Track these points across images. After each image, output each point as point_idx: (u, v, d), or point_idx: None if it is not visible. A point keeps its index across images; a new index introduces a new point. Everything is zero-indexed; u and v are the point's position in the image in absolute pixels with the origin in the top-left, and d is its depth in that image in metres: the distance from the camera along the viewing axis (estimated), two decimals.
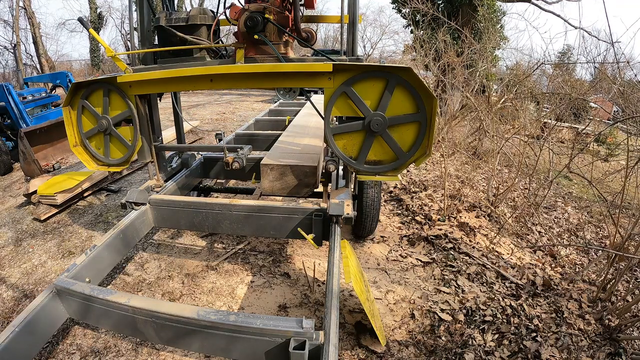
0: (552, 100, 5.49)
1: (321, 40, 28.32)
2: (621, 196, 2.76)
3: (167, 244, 3.23)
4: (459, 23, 7.44)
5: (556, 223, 4.14)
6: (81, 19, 2.34)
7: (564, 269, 3.07)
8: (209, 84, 2.10)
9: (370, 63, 1.97)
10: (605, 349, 2.10)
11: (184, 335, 1.56)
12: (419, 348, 2.12)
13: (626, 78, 4.46)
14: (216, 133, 3.88)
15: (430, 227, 3.53)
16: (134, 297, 1.64)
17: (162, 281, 2.70)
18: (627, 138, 3.42)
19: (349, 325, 2.26)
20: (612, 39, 2.78)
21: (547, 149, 4.09)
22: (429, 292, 2.62)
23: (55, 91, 6.93)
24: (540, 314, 2.38)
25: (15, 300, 2.50)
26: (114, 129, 2.34)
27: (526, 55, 13.45)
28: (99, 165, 2.51)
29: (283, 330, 1.41)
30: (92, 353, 2.04)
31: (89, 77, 5.67)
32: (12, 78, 17.84)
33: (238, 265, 2.89)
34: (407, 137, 1.98)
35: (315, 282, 2.67)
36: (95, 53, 21.82)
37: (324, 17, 3.90)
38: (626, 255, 2.42)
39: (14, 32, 18.00)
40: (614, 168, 4.78)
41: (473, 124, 6.48)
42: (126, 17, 23.04)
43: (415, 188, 4.57)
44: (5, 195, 4.46)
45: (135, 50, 2.48)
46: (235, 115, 9.97)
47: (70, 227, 3.56)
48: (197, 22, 2.31)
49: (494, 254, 3.17)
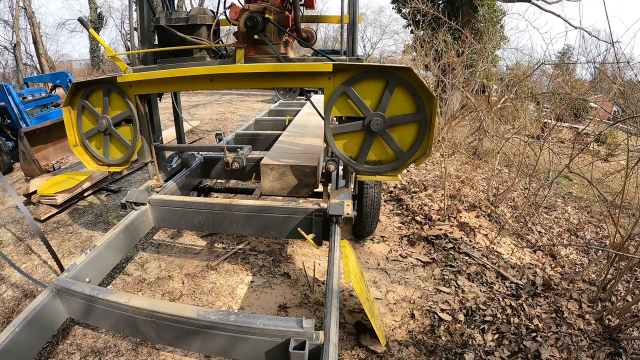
0: (552, 100, 5.49)
1: (321, 40, 28.31)
2: (621, 196, 2.76)
3: (167, 244, 3.23)
4: (459, 23, 7.44)
5: (556, 223, 4.14)
6: (81, 19, 2.34)
7: (564, 269, 3.07)
8: (209, 84, 2.10)
9: (370, 63, 1.97)
10: (605, 349, 2.10)
11: (184, 335, 1.56)
12: (419, 348, 2.11)
13: (626, 78, 4.46)
14: (216, 133, 3.88)
15: (430, 227, 3.53)
16: (134, 297, 1.64)
17: (162, 281, 2.70)
18: (627, 138, 3.42)
19: (349, 325, 2.26)
20: (612, 39, 2.78)
21: (547, 149, 4.09)
22: (429, 292, 2.62)
23: (55, 91, 6.93)
24: (540, 314, 2.38)
25: (15, 300, 2.50)
26: (114, 129, 2.34)
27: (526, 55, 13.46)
28: (99, 165, 2.51)
29: (283, 330, 1.41)
30: (92, 353, 2.04)
31: (89, 77, 5.67)
32: (12, 78, 17.83)
33: (238, 265, 2.89)
34: (407, 137, 1.98)
35: (315, 282, 2.67)
36: (95, 53, 21.82)
37: (324, 17, 3.90)
38: (626, 255, 2.42)
39: (14, 32, 18.00)
40: (614, 168, 4.79)
41: (473, 124, 6.47)
42: (126, 17, 23.04)
43: (415, 188, 4.57)
44: (5, 195, 4.46)
45: (135, 50, 2.48)
46: (236, 115, 9.97)
47: (70, 227, 3.56)
48: (197, 22, 2.31)
49: (494, 254, 3.17)
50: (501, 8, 11.49)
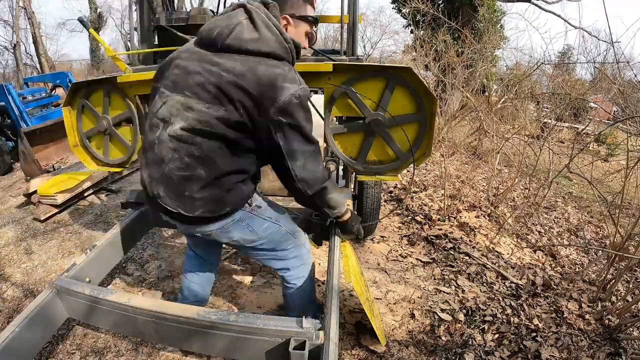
0: (552, 100, 5.49)
1: (321, 40, 28.30)
2: (621, 196, 2.76)
3: (167, 244, 3.23)
4: (459, 23, 7.44)
5: (556, 223, 4.14)
6: (81, 19, 2.34)
7: (564, 269, 3.07)
8: None
9: (370, 63, 1.97)
10: (605, 349, 2.10)
11: (184, 335, 1.56)
12: (419, 348, 2.12)
13: (626, 78, 4.46)
14: None
15: (430, 227, 3.53)
16: (134, 297, 1.64)
17: (162, 281, 2.70)
18: (627, 138, 3.42)
19: (349, 325, 2.26)
20: (612, 39, 2.78)
21: (547, 149, 4.09)
22: (429, 292, 2.62)
23: (55, 91, 6.92)
24: (540, 314, 2.38)
25: (15, 300, 2.50)
26: (114, 129, 2.34)
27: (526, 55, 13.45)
28: (99, 165, 2.51)
29: (283, 330, 1.41)
30: (92, 353, 2.04)
31: (89, 77, 5.67)
32: (12, 78, 17.84)
33: (238, 265, 2.89)
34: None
35: (315, 282, 2.66)
36: (95, 53, 21.81)
37: (324, 17, 3.89)
38: (626, 255, 2.42)
39: (14, 32, 17.99)
40: (614, 168, 4.79)
41: (473, 124, 6.48)
42: (126, 17, 23.04)
43: (415, 188, 4.57)
44: (5, 195, 4.46)
45: (135, 50, 2.48)
46: None
47: (71, 227, 3.56)
48: (197, 22, 2.31)
49: (494, 254, 3.17)
50: (501, 8, 11.49)
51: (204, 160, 1.34)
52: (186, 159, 1.33)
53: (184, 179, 1.35)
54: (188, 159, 1.33)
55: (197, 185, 1.36)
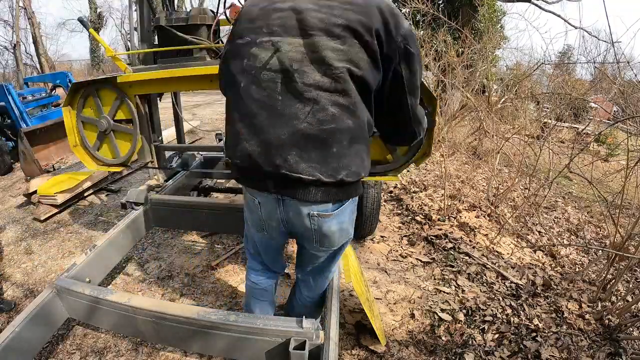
0: (552, 100, 5.49)
1: None
2: (621, 196, 2.76)
3: (167, 244, 3.23)
4: (459, 23, 7.43)
5: (556, 223, 4.14)
6: (81, 19, 2.34)
7: (564, 269, 3.07)
8: (209, 84, 2.10)
9: None
10: (605, 349, 2.10)
11: (184, 335, 1.56)
12: (419, 348, 2.12)
13: (626, 78, 4.46)
14: (216, 133, 3.88)
15: (430, 227, 3.53)
16: (134, 297, 1.64)
17: (162, 281, 2.70)
18: (627, 138, 3.42)
19: (349, 325, 2.26)
20: (612, 39, 2.78)
21: (547, 149, 4.09)
22: (429, 292, 2.62)
23: (55, 91, 6.92)
24: (540, 314, 2.38)
25: (15, 300, 2.50)
26: (114, 129, 2.34)
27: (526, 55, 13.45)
28: (99, 165, 2.51)
29: (283, 330, 1.42)
30: (92, 353, 2.04)
31: (89, 77, 5.67)
32: (12, 78, 17.83)
33: (238, 265, 2.89)
34: None
35: None
36: (95, 53, 21.81)
37: None
38: (626, 255, 2.42)
39: (14, 32, 17.98)
40: (614, 168, 4.79)
41: (473, 124, 6.47)
42: (126, 17, 23.04)
43: (415, 188, 4.57)
44: (5, 195, 4.46)
45: (135, 50, 2.48)
46: None
47: (71, 227, 3.56)
48: (197, 22, 2.31)
49: (494, 254, 3.17)
50: (501, 8, 11.48)
51: (347, 107, 1.16)
52: (331, 109, 1.14)
53: (330, 132, 1.15)
54: (333, 108, 1.14)
55: (346, 138, 1.16)
